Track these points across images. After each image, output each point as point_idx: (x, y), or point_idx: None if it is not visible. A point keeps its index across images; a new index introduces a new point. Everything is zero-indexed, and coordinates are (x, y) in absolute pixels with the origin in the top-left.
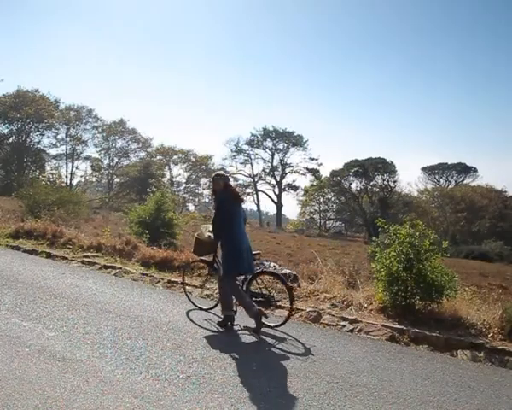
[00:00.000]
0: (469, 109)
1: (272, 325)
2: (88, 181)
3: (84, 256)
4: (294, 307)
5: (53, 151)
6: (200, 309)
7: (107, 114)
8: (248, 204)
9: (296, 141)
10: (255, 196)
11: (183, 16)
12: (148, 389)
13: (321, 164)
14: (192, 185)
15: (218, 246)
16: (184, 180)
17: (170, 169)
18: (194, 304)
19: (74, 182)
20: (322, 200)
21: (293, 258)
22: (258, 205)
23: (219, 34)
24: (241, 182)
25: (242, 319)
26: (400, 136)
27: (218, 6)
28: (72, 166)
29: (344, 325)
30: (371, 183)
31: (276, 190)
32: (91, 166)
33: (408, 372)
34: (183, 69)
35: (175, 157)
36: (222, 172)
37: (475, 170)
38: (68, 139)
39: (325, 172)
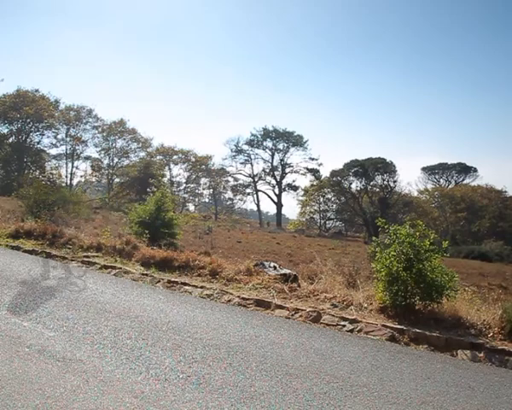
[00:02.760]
0: (469, 109)
1: None
2: (88, 181)
3: (84, 256)
4: None
5: (53, 151)
6: None
7: (107, 114)
8: (248, 204)
9: (296, 141)
10: (255, 196)
11: (184, 17)
12: (148, 389)
13: (321, 164)
14: (192, 185)
15: None
16: (184, 180)
17: (170, 169)
18: None
19: (74, 182)
20: (322, 200)
21: (293, 258)
22: (258, 205)
23: (220, 34)
24: (241, 182)
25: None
26: (400, 136)
27: (218, 7)
28: (72, 166)
29: (344, 325)
30: (371, 183)
31: (276, 190)
32: (91, 166)
33: (408, 372)
34: (184, 69)
35: (175, 157)
36: None
37: (475, 170)
38: (68, 139)
39: (325, 172)
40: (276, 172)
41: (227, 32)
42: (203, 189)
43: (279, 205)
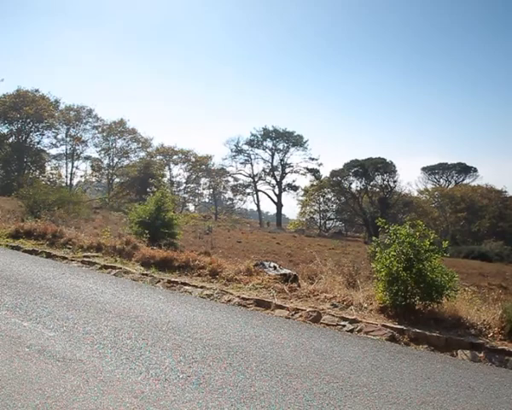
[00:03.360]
0: (469, 109)
1: None
2: (88, 181)
3: (84, 256)
4: None
5: (53, 151)
6: None
7: (107, 114)
8: (248, 204)
9: (296, 141)
10: (255, 196)
11: (184, 17)
12: (148, 389)
13: (321, 164)
14: (192, 185)
15: None
16: (184, 180)
17: (170, 169)
18: None
19: (74, 182)
20: (322, 200)
21: (293, 258)
22: (258, 205)
23: (220, 34)
24: (241, 182)
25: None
26: (400, 136)
27: (218, 7)
28: (72, 166)
29: (344, 325)
30: (371, 183)
31: (276, 190)
32: (91, 166)
33: (408, 372)
34: (184, 69)
35: (175, 157)
36: None
37: (475, 170)
38: (68, 139)
39: (325, 172)
40: (276, 172)
41: (227, 32)
42: (203, 189)
43: (279, 205)
